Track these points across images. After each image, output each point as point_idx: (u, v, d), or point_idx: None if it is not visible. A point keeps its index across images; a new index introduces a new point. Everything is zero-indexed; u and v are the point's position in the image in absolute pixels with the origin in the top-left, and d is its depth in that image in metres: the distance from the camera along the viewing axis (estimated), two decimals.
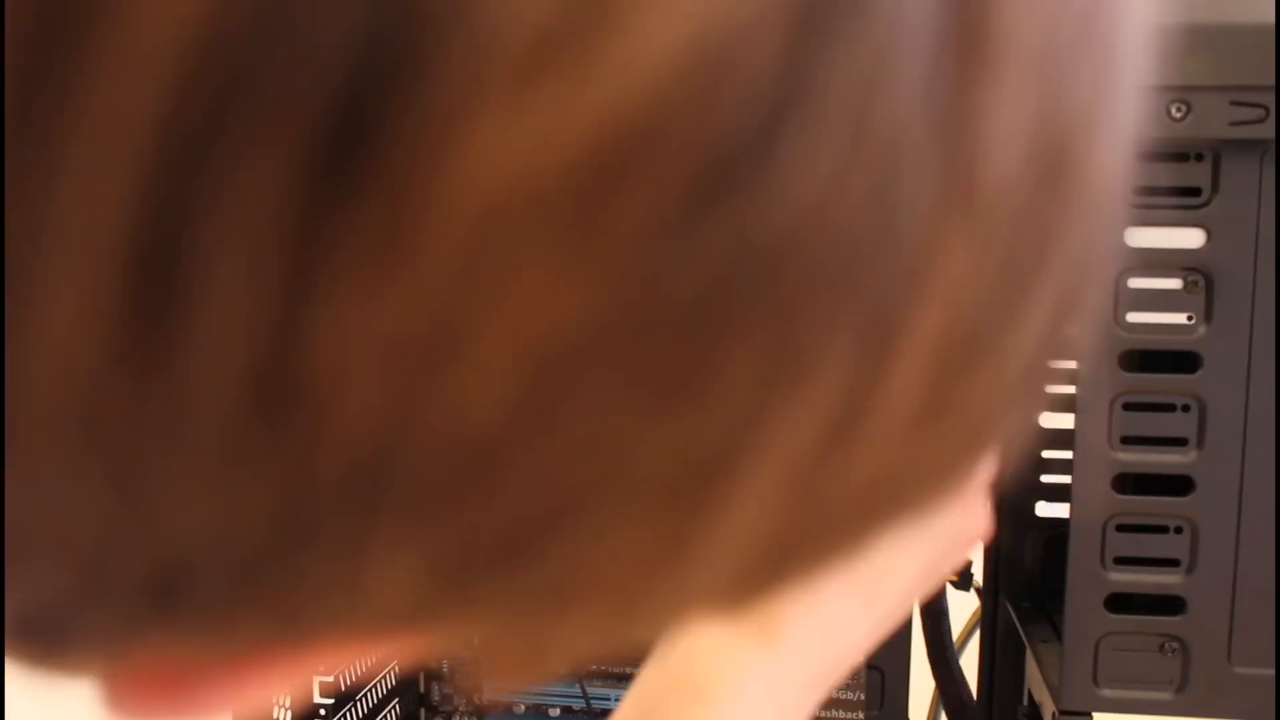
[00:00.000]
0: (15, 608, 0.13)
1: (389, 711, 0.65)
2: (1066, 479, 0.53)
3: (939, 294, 0.12)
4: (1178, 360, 0.45)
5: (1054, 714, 0.48)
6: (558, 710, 0.66)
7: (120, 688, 0.16)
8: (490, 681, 0.17)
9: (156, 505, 0.11)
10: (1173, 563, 0.46)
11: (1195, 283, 0.44)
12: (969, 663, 0.66)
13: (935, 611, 0.65)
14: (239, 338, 0.10)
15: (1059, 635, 0.49)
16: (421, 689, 0.70)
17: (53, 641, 0.14)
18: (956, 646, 0.66)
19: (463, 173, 0.10)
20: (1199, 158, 0.43)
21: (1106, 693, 0.47)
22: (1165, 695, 0.46)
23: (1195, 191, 0.44)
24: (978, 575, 0.65)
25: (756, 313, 0.11)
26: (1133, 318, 0.45)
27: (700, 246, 0.11)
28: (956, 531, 0.43)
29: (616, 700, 0.66)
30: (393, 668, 0.66)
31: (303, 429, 0.11)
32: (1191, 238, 0.44)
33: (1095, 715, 0.48)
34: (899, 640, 0.65)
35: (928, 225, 0.12)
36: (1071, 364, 0.21)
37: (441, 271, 0.10)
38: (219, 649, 0.14)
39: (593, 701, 0.65)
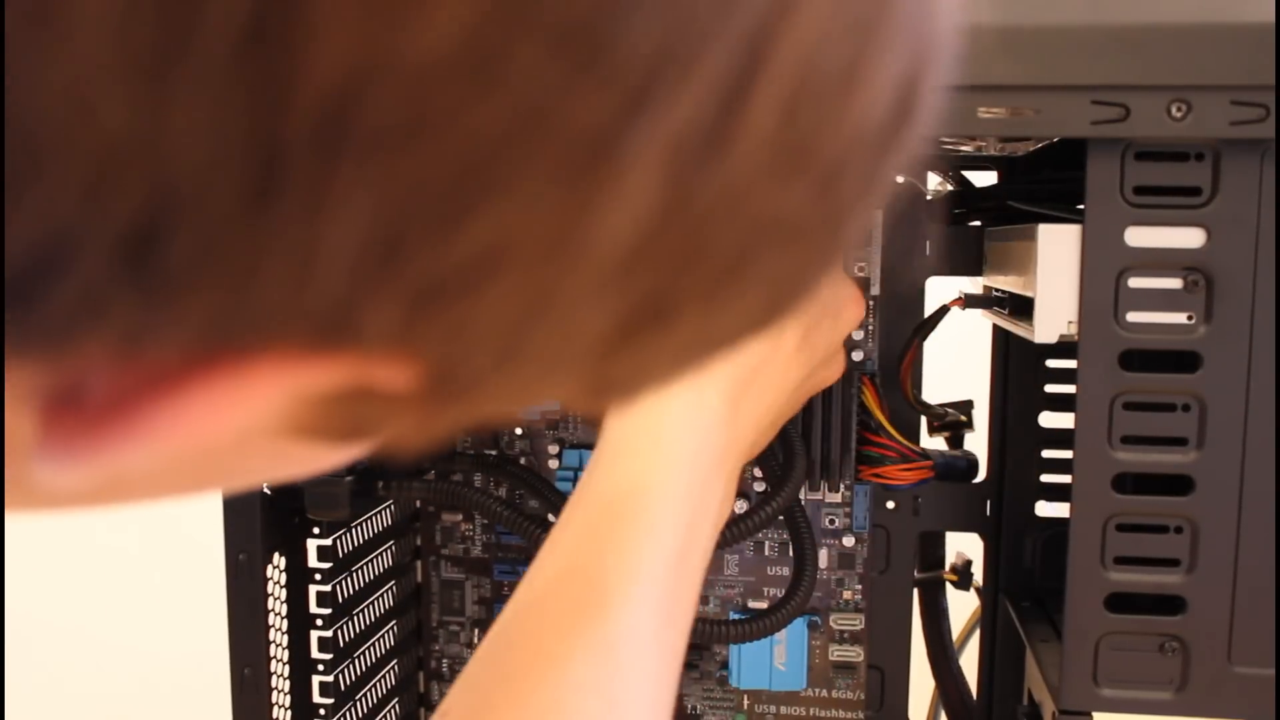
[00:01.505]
0: (10, 248, 0.14)
1: (389, 711, 0.65)
2: (1066, 479, 0.53)
3: (799, 29, 0.15)
4: (1178, 360, 0.45)
5: (1054, 714, 0.48)
6: None
7: (59, 420, 0.16)
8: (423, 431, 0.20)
9: (161, 121, 0.13)
10: (1173, 562, 0.46)
11: (1195, 283, 0.44)
12: (969, 663, 0.66)
13: (935, 611, 0.65)
14: None
15: (1059, 635, 0.49)
16: (421, 689, 0.70)
17: (23, 311, 0.14)
18: (956, 646, 0.66)
19: None
20: (1199, 158, 0.43)
21: (1106, 692, 0.47)
22: (1165, 695, 0.46)
23: (1195, 191, 0.44)
24: (978, 575, 0.65)
25: (653, 14, 0.14)
26: (1133, 317, 0.45)
27: None
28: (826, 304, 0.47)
29: None
30: (393, 667, 0.66)
31: (290, 50, 0.13)
32: (1191, 238, 0.44)
33: (1095, 715, 0.48)
34: (899, 640, 0.65)
35: None
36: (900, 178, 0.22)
37: None
38: (168, 335, 0.15)
39: None
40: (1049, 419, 0.63)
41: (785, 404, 0.50)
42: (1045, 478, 0.63)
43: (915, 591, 0.65)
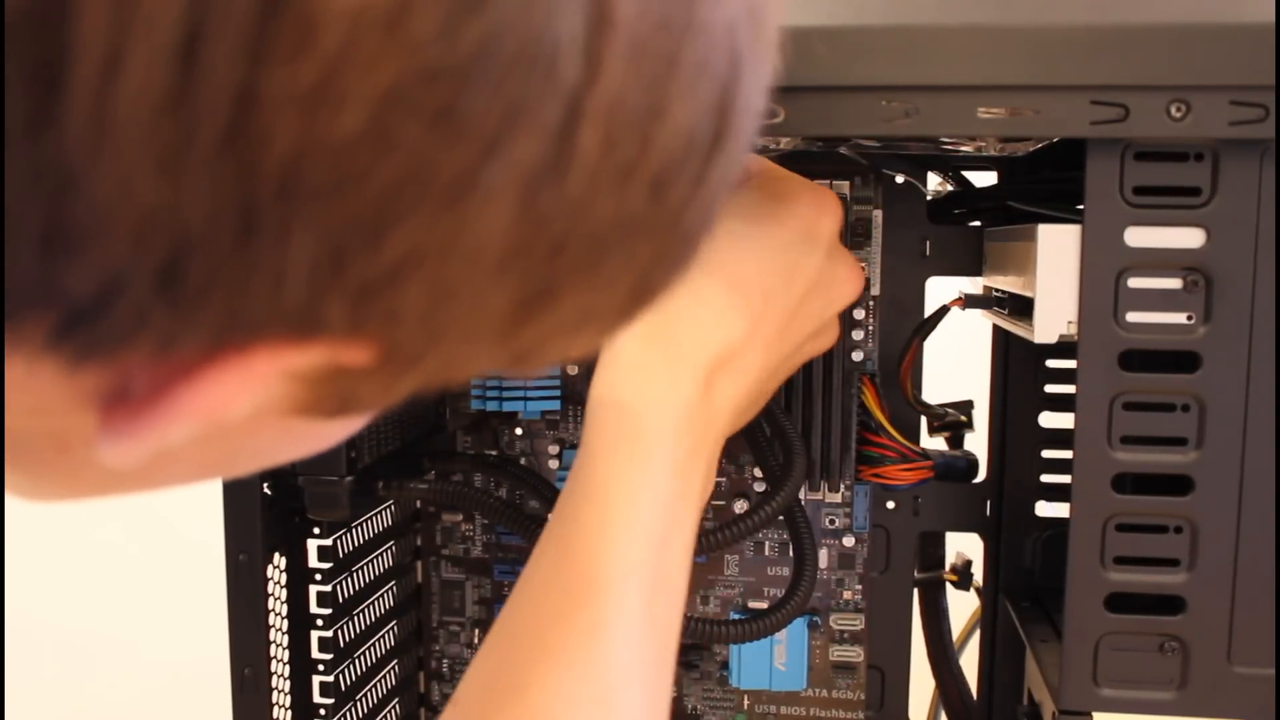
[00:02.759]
0: (72, 298, 0.20)
1: (389, 711, 0.65)
2: (1066, 479, 0.53)
3: (603, 87, 0.21)
4: (1178, 360, 0.45)
5: (1054, 714, 0.48)
6: None
7: (115, 412, 0.23)
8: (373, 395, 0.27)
9: (178, 193, 0.19)
10: (1173, 562, 0.46)
11: (1195, 283, 0.44)
12: (969, 663, 0.66)
13: (935, 611, 0.65)
14: (224, 98, 0.19)
15: (1059, 635, 0.50)
16: (421, 689, 0.70)
17: (87, 334, 0.21)
18: (956, 646, 0.66)
19: None
20: (1199, 158, 0.43)
21: (1106, 692, 0.47)
22: (1165, 695, 0.46)
23: (1195, 191, 0.44)
24: (978, 575, 0.65)
25: (496, 91, 0.20)
26: (1133, 317, 0.45)
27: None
28: (803, 233, 0.49)
29: None
30: (393, 667, 0.66)
31: (255, 140, 0.19)
32: (1191, 238, 0.44)
33: (1095, 715, 0.48)
34: (899, 640, 0.65)
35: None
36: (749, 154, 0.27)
37: (327, 45, 0.19)
38: (191, 337, 0.21)
39: None
40: (1049, 419, 0.63)
41: (768, 381, 0.50)
42: (1045, 478, 0.63)
43: (915, 591, 0.65)
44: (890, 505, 0.64)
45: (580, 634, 0.40)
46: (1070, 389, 0.58)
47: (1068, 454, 0.48)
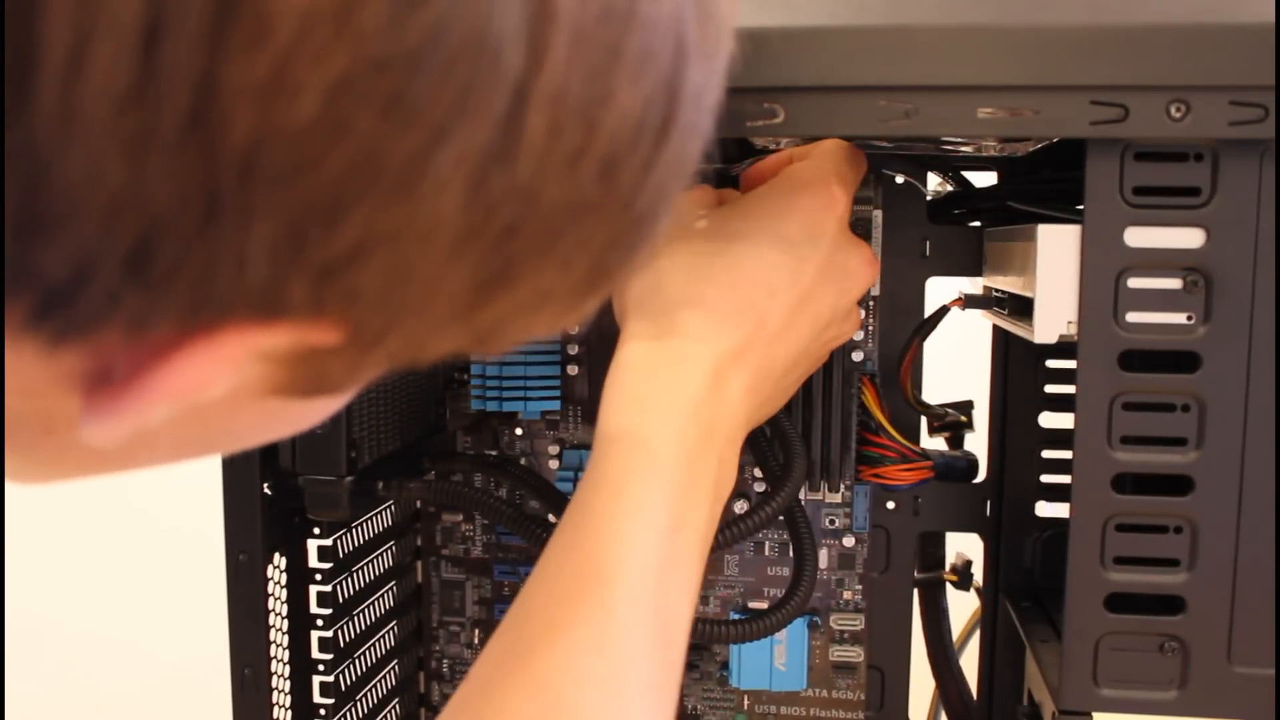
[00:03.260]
0: (47, 280, 0.21)
1: (389, 711, 0.65)
2: (1066, 479, 0.53)
3: (547, 76, 0.22)
4: (1178, 360, 0.45)
5: (1054, 714, 0.48)
6: None
7: (97, 393, 0.24)
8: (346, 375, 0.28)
9: (144, 178, 0.20)
10: (1172, 563, 0.46)
11: (1195, 283, 0.44)
12: (969, 663, 0.66)
13: (935, 611, 0.65)
14: (184, 89, 0.20)
15: (1059, 635, 0.50)
16: (422, 689, 0.70)
17: (63, 315, 0.22)
18: (956, 646, 0.66)
19: None
20: (1199, 158, 0.43)
21: (1106, 692, 0.47)
22: (1165, 695, 0.46)
23: (1195, 191, 0.44)
24: (978, 575, 0.65)
25: (443, 80, 0.21)
26: (1133, 318, 0.45)
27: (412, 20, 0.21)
28: (806, 228, 0.49)
29: None
30: (393, 667, 0.66)
31: (216, 127, 0.20)
32: (1191, 238, 0.44)
33: (1095, 715, 0.48)
34: (899, 640, 0.65)
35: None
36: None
37: (280, 37, 0.20)
38: (162, 317, 0.22)
39: None
40: (1049, 419, 0.63)
41: (785, 374, 0.50)
42: (1045, 478, 0.63)
43: (915, 591, 0.65)
44: (890, 505, 0.64)
45: (588, 615, 0.40)
46: (1070, 389, 0.58)
47: (1068, 454, 0.48)
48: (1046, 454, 0.63)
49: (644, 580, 0.42)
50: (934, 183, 0.63)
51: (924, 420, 0.63)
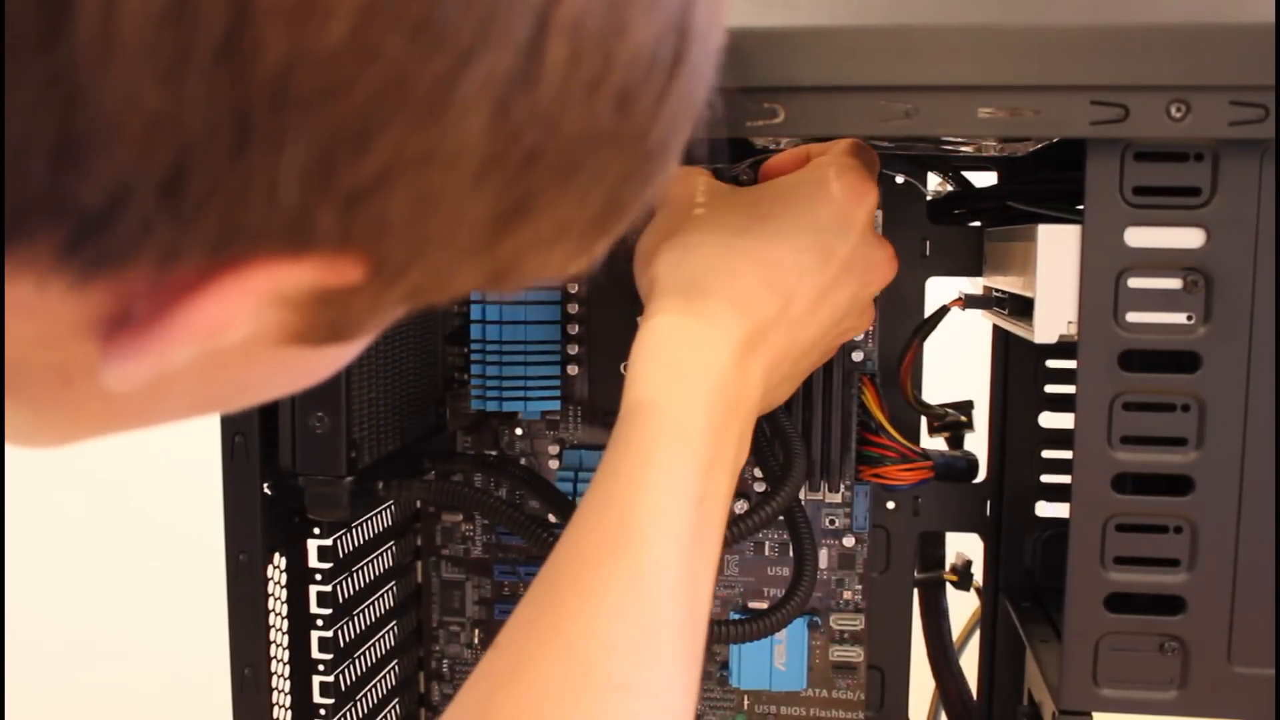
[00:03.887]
0: (82, 207, 0.21)
1: (389, 711, 0.65)
2: (1066, 479, 0.53)
3: (568, 4, 0.23)
4: (1177, 360, 0.45)
5: (1054, 714, 0.48)
6: None
7: (117, 334, 0.24)
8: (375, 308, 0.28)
9: (179, 102, 0.21)
10: (1173, 563, 0.46)
11: (1195, 283, 0.44)
12: (969, 663, 0.66)
13: (935, 611, 0.65)
14: (220, 10, 0.20)
15: (1059, 635, 0.50)
16: (422, 689, 0.70)
17: (96, 246, 0.22)
18: (956, 646, 0.66)
19: None
20: (1199, 158, 0.43)
21: (1106, 692, 0.47)
22: (1165, 695, 0.46)
23: (1195, 191, 0.44)
24: (978, 575, 0.65)
25: (469, 6, 0.22)
26: (1133, 318, 0.45)
27: None
28: (837, 217, 0.49)
29: None
30: (393, 667, 0.66)
31: (248, 52, 0.21)
32: (1191, 238, 0.44)
33: (1095, 715, 0.48)
34: (899, 640, 0.65)
35: None
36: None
37: None
38: (191, 249, 0.23)
39: None
40: (1049, 419, 0.63)
41: (800, 359, 0.50)
42: (1045, 478, 0.63)
43: (915, 592, 0.65)
44: (890, 505, 0.64)
45: (619, 581, 0.40)
46: (1070, 389, 0.58)
47: (1068, 454, 0.48)
48: (1046, 454, 0.63)
49: (674, 548, 0.42)
50: (934, 183, 0.63)
51: (924, 420, 0.63)
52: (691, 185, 0.51)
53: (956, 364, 0.74)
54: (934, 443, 0.63)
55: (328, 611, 0.58)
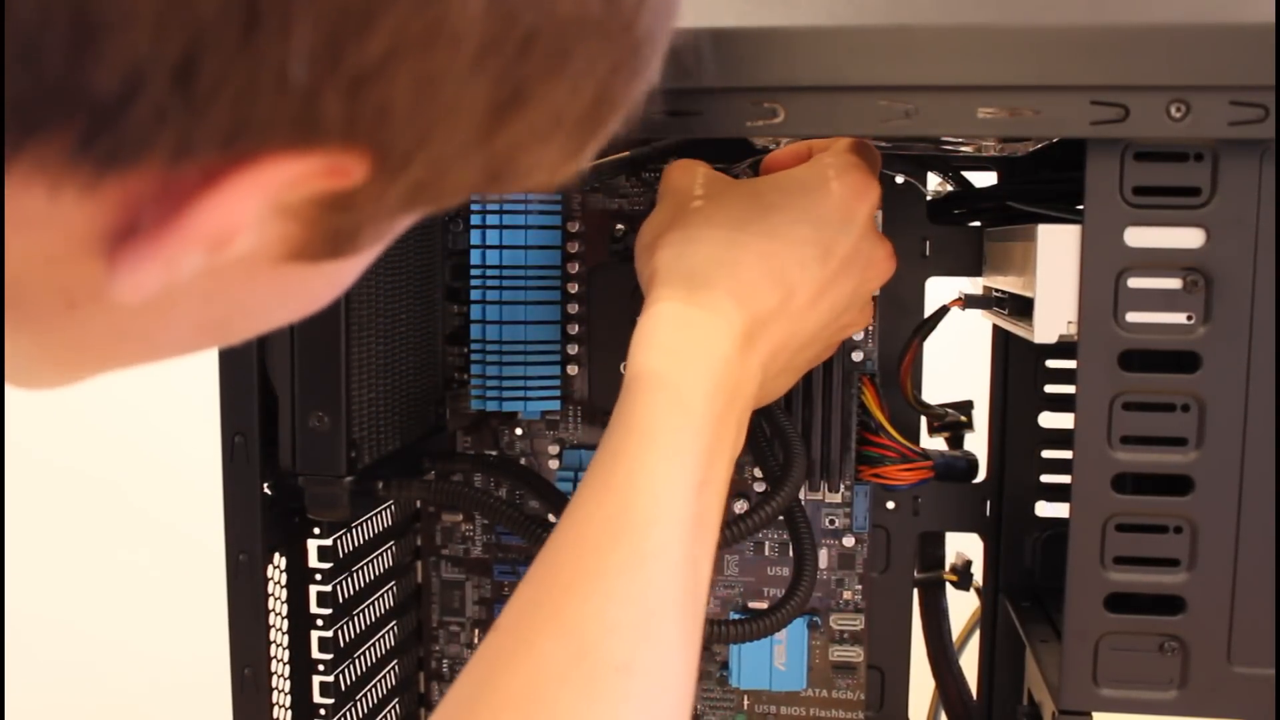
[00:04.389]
0: (96, 96, 0.21)
1: (389, 711, 0.65)
2: (1066, 479, 0.53)
3: None
4: (1177, 360, 0.45)
5: (1054, 714, 0.48)
6: None
7: (124, 245, 0.25)
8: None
9: None
10: (1172, 563, 0.46)
11: (1195, 283, 0.44)
12: (969, 663, 0.66)
13: (935, 611, 0.65)
14: None
15: (1059, 635, 0.50)
16: (422, 689, 0.70)
17: (111, 137, 0.22)
18: (956, 646, 0.66)
19: None
20: (1199, 158, 0.43)
21: (1106, 692, 0.47)
22: (1165, 695, 0.46)
23: (1195, 191, 0.44)
24: (978, 575, 0.65)
25: None
26: (1133, 318, 0.45)
27: None
28: (840, 212, 0.49)
29: None
30: (393, 667, 0.66)
31: None
32: (1191, 238, 0.44)
33: (1095, 715, 0.48)
34: (899, 640, 0.65)
35: None
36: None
37: None
38: (205, 142, 0.23)
39: None
40: (1049, 419, 0.63)
41: (799, 353, 0.50)
42: (1045, 478, 0.63)
43: (915, 591, 0.65)
44: (890, 505, 0.64)
45: (621, 563, 0.40)
46: (1070, 389, 0.58)
47: (1068, 454, 0.48)
48: (1046, 454, 0.63)
49: (676, 532, 0.42)
50: (934, 183, 0.63)
51: (924, 420, 0.63)
52: (692, 176, 0.52)
53: (956, 364, 0.74)
54: (934, 443, 0.63)
55: (328, 611, 0.58)
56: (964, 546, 0.66)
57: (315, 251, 0.29)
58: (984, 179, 0.64)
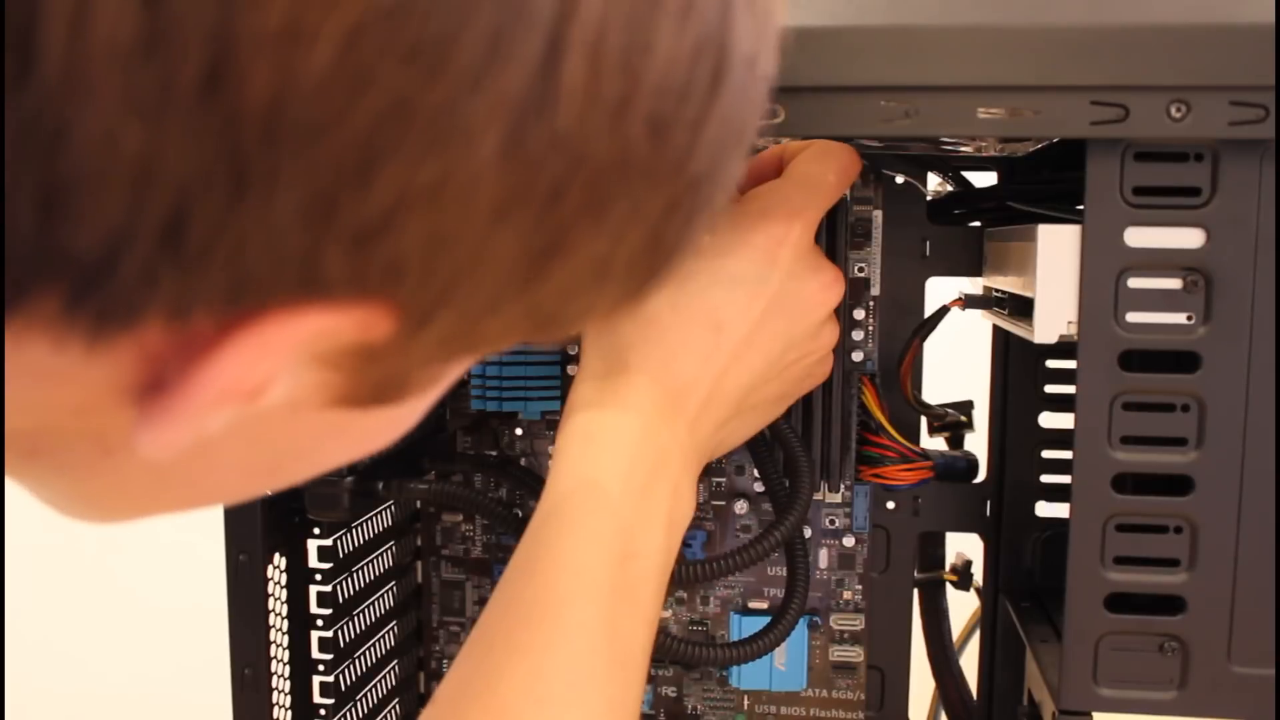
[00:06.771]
0: (79, 259, 0.20)
1: (389, 711, 0.65)
2: (1066, 479, 0.53)
3: (583, 18, 0.21)
4: (1177, 360, 0.45)
5: (1054, 714, 0.48)
6: None
7: (150, 401, 0.23)
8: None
9: (163, 144, 0.19)
10: (1172, 563, 0.46)
11: (1195, 283, 0.44)
12: (969, 663, 0.66)
13: (935, 611, 0.65)
14: (196, 42, 0.19)
15: (1059, 635, 0.50)
16: (422, 689, 0.70)
17: (99, 298, 0.21)
18: (956, 646, 0.66)
19: None
20: (1199, 158, 0.43)
21: (1106, 692, 0.47)
22: (1165, 695, 0.46)
23: (1195, 191, 0.44)
24: (978, 575, 0.65)
25: (468, 25, 0.20)
26: (1133, 318, 0.45)
27: None
28: (756, 265, 0.50)
29: None
30: (393, 667, 0.66)
31: (232, 87, 0.19)
32: (1191, 238, 0.44)
33: (1095, 715, 0.48)
34: (899, 640, 0.65)
35: None
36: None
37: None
38: (204, 303, 0.21)
39: None
40: (1049, 419, 0.63)
41: (744, 398, 0.51)
42: (1045, 478, 0.63)
43: (915, 591, 0.65)
44: (890, 505, 0.64)
45: (544, 639, 0.43)
46: (1070, 389, 0.58)
47: (1068, 454, 0.48)
48: (1046, 454, 0.63)
49: (596, 609, 0.44)
50: (934, 183, 0.63)
51: (924, 420, 0.63)
52: None
53: (956, 364, 0.74)
54: (934, 443, 0.63)
55: (328, 611, 0.58)
56: (964, 546, 0.66)
57: (361, 399, 0.26)
58: (984, 179, 0.64)
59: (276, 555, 0.56)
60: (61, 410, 0.24)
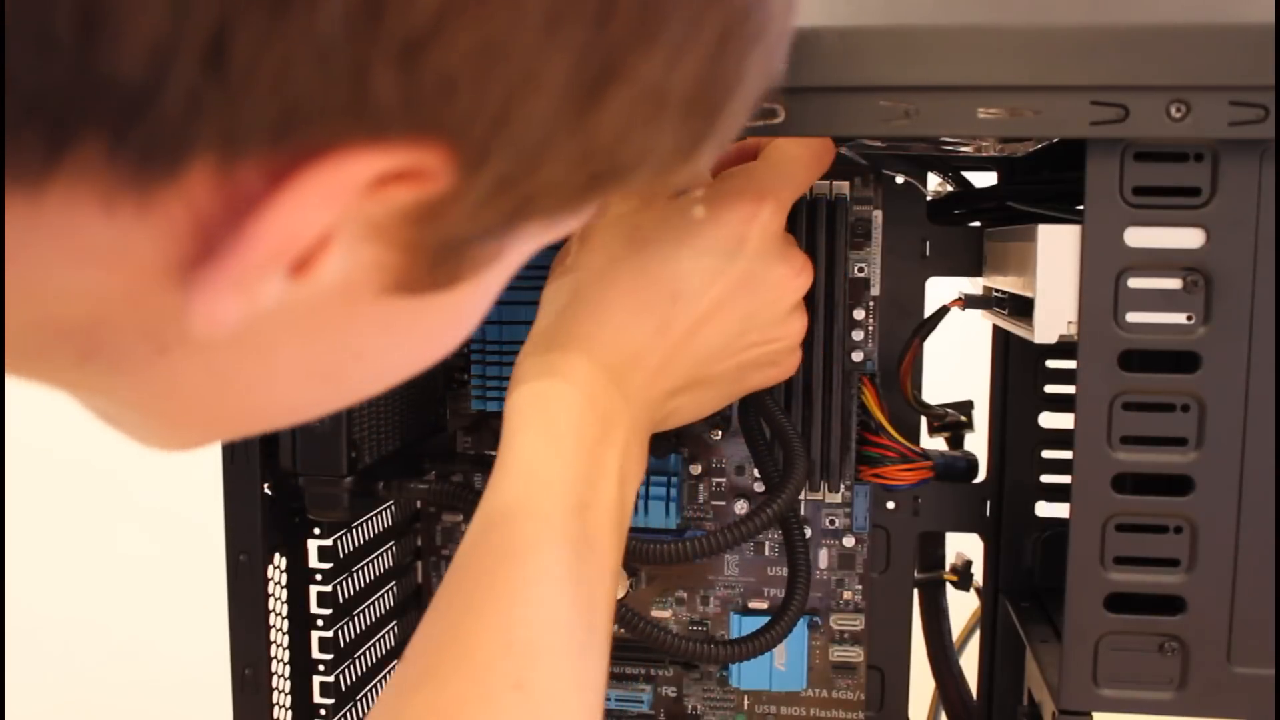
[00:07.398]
0: (121, 82, 0.19)
1: None
2: (1066, 479, 0.53)
3: None
4: (1177, 360, 0.45)
5: (1054, 714, 0.48)
6: None
7: (200, 270, 0.22)
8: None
9: None
10: (1172, 563, 0.46)
11: (1195, 283, 0.44)
12: (969, 663, 0.66)
13: (935, 611, 0.65)
14: None
15: (1059, 635, 0.50)
16: None
17: (145, 125, 0.20)
18: (956, 646, 0.66)
19: None
20: (1199, 158, 0.43)
21: (1106, 692, 0.47)
22: (1165, 695, 0.46)
23: (1195, 191, 0.44)
24: (978, 575, 0.65)
25: None
26: (1133, 318, 0.45)
27: None
28: (724, 241, 0.49)
29: (615, 700, 0.66)
30: (393, 668, 0.66)
31: None
32: (1191, 238, 0.44)
33: (1095, 715, 0.48)
34: (899, 640, 0.65)
35: None
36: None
37: None
38: (252, 136, 0.21)
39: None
40: (1049, 419, 0.63)
41: (699, 369, 0.51)
42: (1045, 478, 0.63)
43: (915, 591, 0.65)
44: (890, 505, 0.64)
45: (511, 587, 0.42)
46: (1070, 389, 0.58)
47: (1068, 454, 0.48)
48: (1046, 454, 0.63)
49: (559, 554, 0.43)
50: (934, 183, 0.63)
51: (924, 420, 0.63)
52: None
53: (956, 364, 0.74)
54: (934, 443, 0.63)
55: (328, 611, 0.58)
56: (964, 546, 0.66)
57: (418, 281, 0.26)
58: (984, 179, 0.64)
59: (277, 555, 0.56)
60: (114, 299, 0.24)
